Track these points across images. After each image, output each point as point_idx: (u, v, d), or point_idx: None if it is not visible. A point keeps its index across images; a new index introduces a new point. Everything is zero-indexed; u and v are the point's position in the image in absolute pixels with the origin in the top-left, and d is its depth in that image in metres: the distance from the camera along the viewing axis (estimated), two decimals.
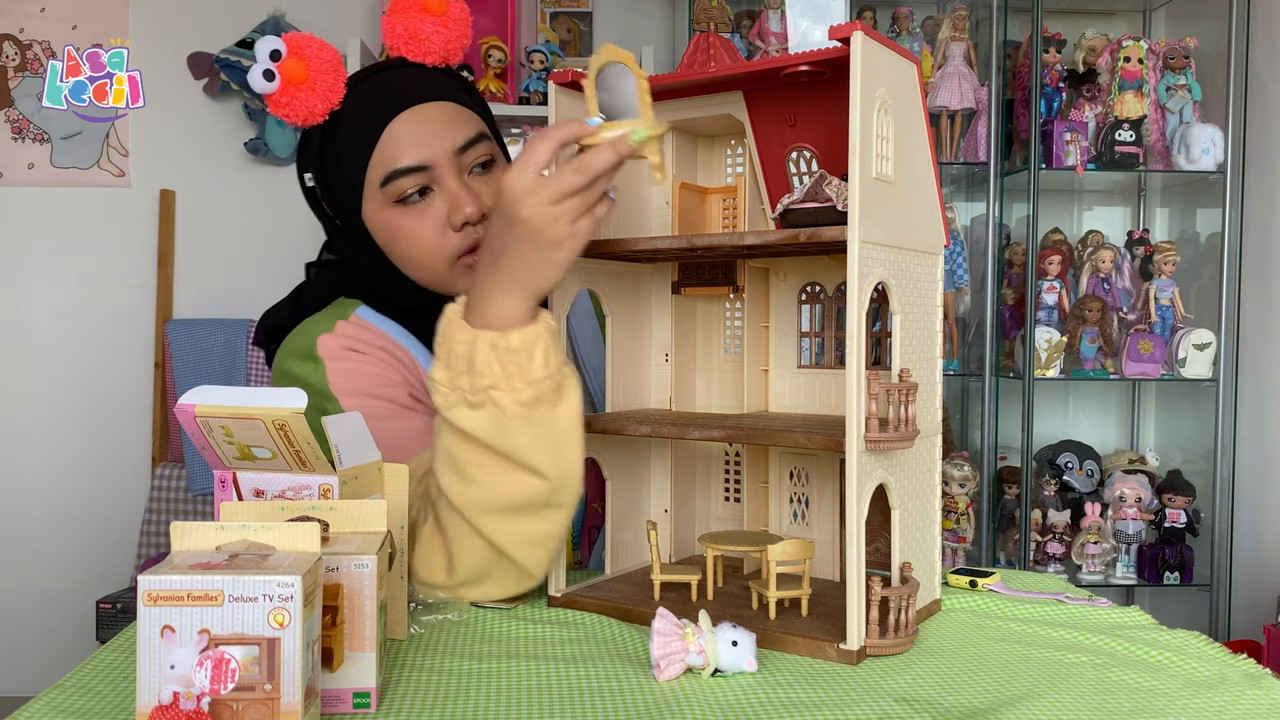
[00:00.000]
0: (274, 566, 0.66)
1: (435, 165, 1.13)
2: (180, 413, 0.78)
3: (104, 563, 3.19)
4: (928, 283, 1.00)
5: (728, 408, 1.16)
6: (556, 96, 1.03)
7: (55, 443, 3.23)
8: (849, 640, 0.88)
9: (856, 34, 0.84)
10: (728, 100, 1.07)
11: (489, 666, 0.86)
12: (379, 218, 1.16)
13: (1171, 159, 2.80)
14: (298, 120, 1.13)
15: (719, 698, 0.79)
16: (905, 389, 0.90)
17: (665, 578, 1.03)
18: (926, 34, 2.89)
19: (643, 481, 1.16)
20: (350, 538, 0.78)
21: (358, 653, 0.74)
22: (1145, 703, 0.80)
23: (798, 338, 1.12)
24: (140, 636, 0.64)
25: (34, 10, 3.20)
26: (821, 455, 1.10)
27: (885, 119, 0.89)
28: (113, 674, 0.82)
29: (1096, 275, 2.81)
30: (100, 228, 3.23)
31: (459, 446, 0.95)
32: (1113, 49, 2.82)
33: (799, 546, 0.96)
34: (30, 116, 3.21)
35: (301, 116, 1.12)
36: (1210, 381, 2.77)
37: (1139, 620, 1.02)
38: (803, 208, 0.92)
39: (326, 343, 1.16)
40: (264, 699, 0.65)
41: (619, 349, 1.12)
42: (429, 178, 1.14)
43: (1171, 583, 2.75)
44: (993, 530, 2.87)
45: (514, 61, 3.06)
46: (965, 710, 0.78)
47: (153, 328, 3.22)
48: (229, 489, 0.83)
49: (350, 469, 0.83)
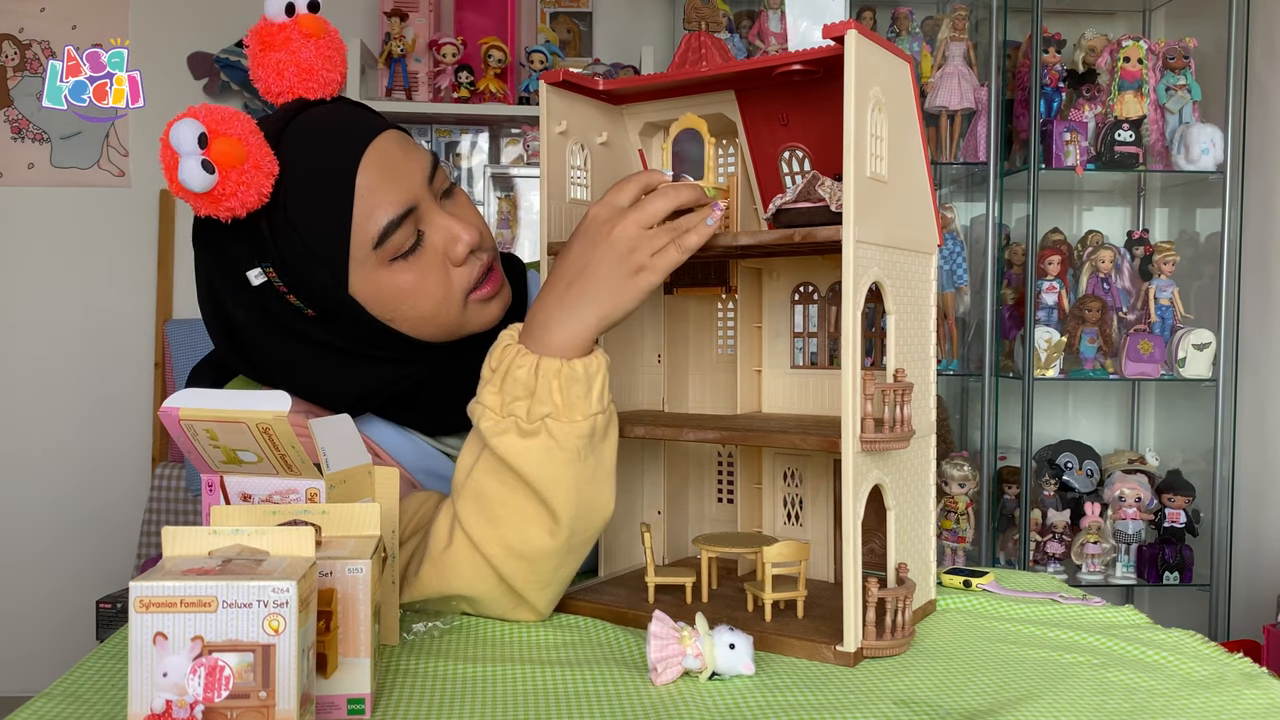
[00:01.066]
0: (268, 572, 0.65)
1: (419, 204, 1.00)
2: (165, 416, 0.78)
3: (104, 563, 3.19)
4: (922, 282, 1.00)
5: (720, 409, 1.15)
6: (548, 96, 1.02)
7: (55, 442, 3.23)
8: (846, 642, 0.88)
9: (850, 33, 0.84)
10: (719, 100, 1.07)
11: (484, 671, 0.85)
12: (372, 285, 0.99)
13: (1171, 159, 2.80)
14: (240, 211, 0.91)
15: (718, 701, 0.79)
16: (901, 389, 0.90)
17: (660, 580, 1.02)
18: (926, 34, 2.88)
19: (635, 483, 1.16)
20: (343, 542, 0.78)
21: (352, 658, 0.74)
22: (1144, 703, 0.80)
23: (791, 338, 1.12)
24: (132, 644, 0.64)
25: (34, 10, 3.20)
26: (815, 456, 1.10)
27: (879, 118, 0.89)
28: (101, 681, 0.81)
29: (1096, 275, 2.81)
30: (100, 228, 3.23)
31: (492, 484, 0.93)
32: (1112, 49, 2.82)
33: (794, 548, 0.96)
34: (30, 116, 3.21)
35: (249, 204, 0.91)
36: (1210, 381, 2.77)
37: (1134, 619, 1.02)
38: (796, 208, 0.92)
39: None
40: (259, 706, 0.64)
41: (611, 350, 1.12)
42: (416, 220, 1.00)
43: (1171, 583, 2.75)
44: (992, 530, 2.86)
45: (514, 61, 3.05)
46: (965, 712, 0.78)
47: (152, 328, 3.22)
48: (216, 493, 0.82)
49: (339, 472, 0.83)
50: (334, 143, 0.97)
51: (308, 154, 0.96)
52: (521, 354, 0.92)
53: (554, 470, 0.91)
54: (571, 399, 0.91)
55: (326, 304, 0.99)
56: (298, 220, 0.95)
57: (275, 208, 0.94)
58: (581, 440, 0.91)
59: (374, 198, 0.97)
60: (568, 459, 0.91)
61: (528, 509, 0.93)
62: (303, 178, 0.95)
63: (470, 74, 2.97)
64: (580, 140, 1.07)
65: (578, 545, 0.97)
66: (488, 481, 0.93)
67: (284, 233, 0.95)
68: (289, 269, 0.97)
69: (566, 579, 0.99)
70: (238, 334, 1.02)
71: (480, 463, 0.94)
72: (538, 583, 0.96)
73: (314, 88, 1.00)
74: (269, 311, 1.00)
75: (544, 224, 1.04)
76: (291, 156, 0.94)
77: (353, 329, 1.01)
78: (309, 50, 0.98)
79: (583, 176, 1.07)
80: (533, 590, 0.96)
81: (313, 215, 0.96)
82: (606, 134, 1.10)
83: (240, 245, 0.97)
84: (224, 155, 0.87)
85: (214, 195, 0.89)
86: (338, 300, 0.99)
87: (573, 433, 0.91)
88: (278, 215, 0.95)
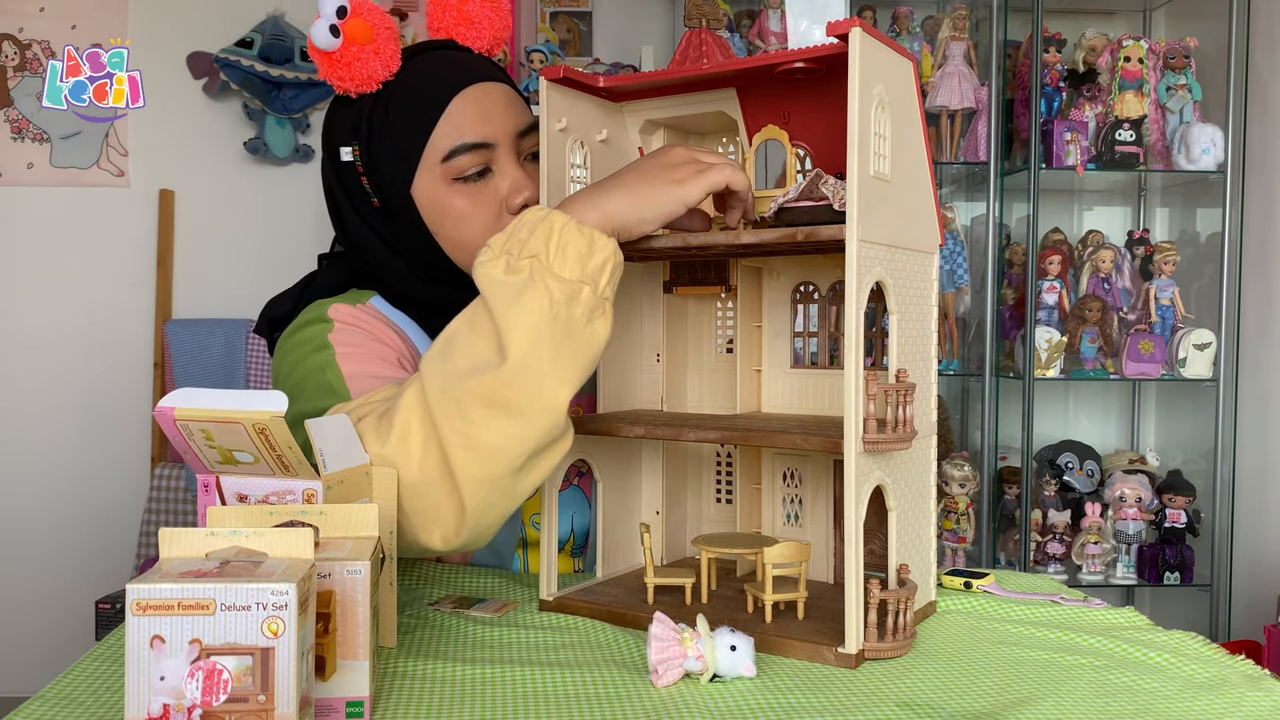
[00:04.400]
0: (267, 574, 0.65)
1: (498, 145, 1.11)
2: (160, 416, 0.77)
3: (103, 563, 3.18)
4: (923, 282, 1.00)
5: (720, 408, 1.15)
6: (548, 93, 1.02)
7: (54, 442, 3.22)
8: (847, 644, 0.87)
9: (855, 30, 0.83)
10: (720, 97, 1.07)
11: (483, 673, 0.85)
12: (432, 193, 1.11)
13: (1171, 159, 2.80)
14: (350, 85, 1.07)
15: (719, 704, 0.79)
16: (903, 389, 0.89)
17: (659, 581, 1.02)
18: (926, 34, 2.88)
19: (634, 483, 1.15)
20: (341, 543, 0.77)
21: (351, 661, 0.73)
22: (1147, 705, 0.80)
23: (791, 337, 1.12)
24: (129, 647, 0.63)
25: (34, 10, 3.20)
26: (815, 456, 1.09)
27: (883, 116, 0.89)
28: (95, 684, 0.81)
29: (1096, 275, 2.80)
30: (100, 228, 3.22)
31: (461, 329, 0.90)
32: (1113, 49, 2.82)
33: (795, 549, 0.96)
34: (30, 116, 3.21)
35: (358, 81, 1.07)
36: (1210, 381, 2.77)
37: (1135, 621, 1.02)
38: (798, 206, 0.92)
39: (340, 309, 1.12)
40: (257, 710, 0.64)
41: (610, 349, 1.12)
42: (489, 157, 1.11)
43: (1172, 583, 2.74)
44: (993, 530, 2.86)
45: (514, 61, 3.05)
46: (968, 714, 0.77)
47: (152, 328, 3.21)
48: (213, 493, 0.81)
49: (336, 473, 0.82)
50: (449, 71, 1.11)
51: (426, 70, 1.11)
52: (537, 210, 0.92)
53: (519, 309, 0.87)
54: (567, 253, 0.88)
55: (390, 195, 1.12)
56: (394, 114, 1.10)
57: (381, 98, 1.10)
58: (561, 297, 0.87)
59: (458, 121, 1.10)
60: (537, 304, 0.87)
61: (482, 352, 0.88)
62: (411, 85, 1.10)
63: None
64: (580, 138, 1.06)
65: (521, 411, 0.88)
66: (456, 323, 0.91)
67: (379, 121, 1.10)
68: (371, 153, 1.11)
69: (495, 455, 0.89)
70: (331, 197, 1.18)
71: (460, 314, 0.92)
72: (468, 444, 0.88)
73: (467, 35, 1.15)
74: (345, 188, 1.15)
75: None
76: (413, 69, 1.10)
77: (404, 230, 1.14)
78: (474, 3, 1.14)
79: (583, 174, 1.06)
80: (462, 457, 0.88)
81: (405, 115, 1.10)
82: (606, 131, 1.10)
83: (345, 119, 1.13)
84: (353, 30, 1.04)
85: (333, 60, 1.05)
86: (398, 195, 1.12)
87: (555, 285, 0.87)
88: (380, 105, 1.10)
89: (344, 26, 1.03)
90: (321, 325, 1.11)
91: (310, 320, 1.12)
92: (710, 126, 1.14)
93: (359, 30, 1.04)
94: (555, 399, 0.88)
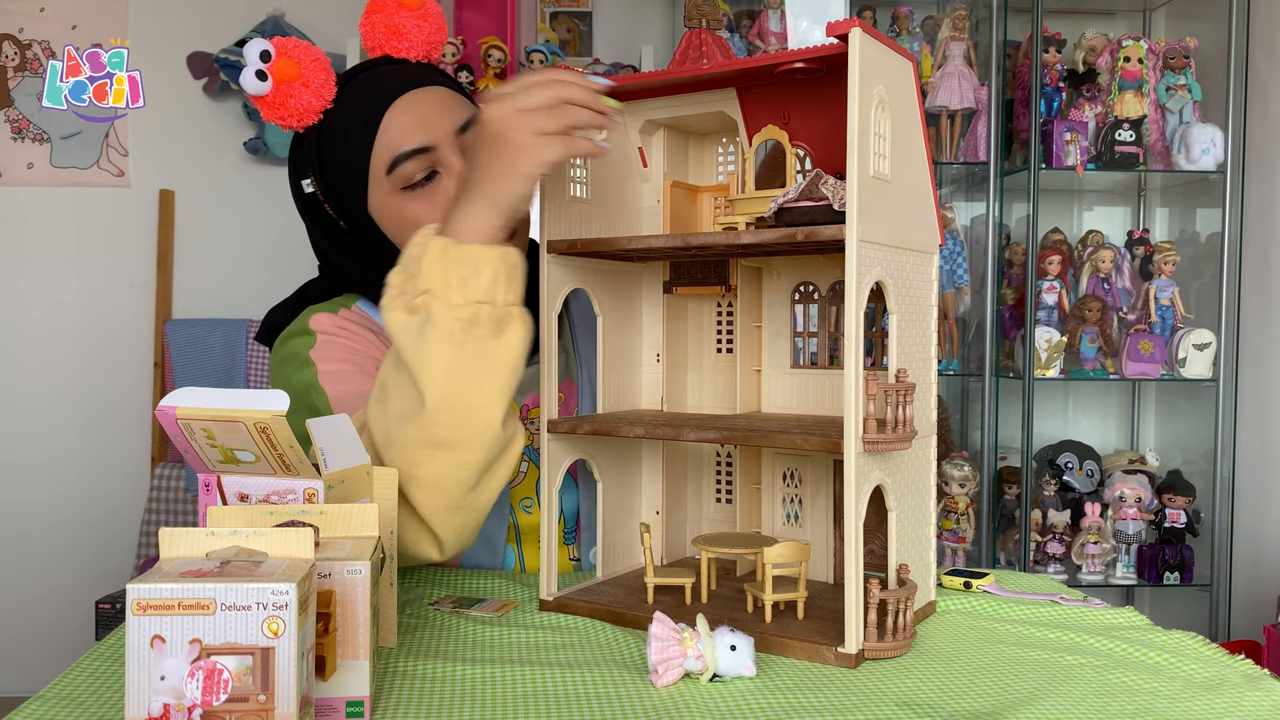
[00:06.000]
0: (267, 574, 0.65)
1: (439, 146, 1.13)
2: (161, 415, 0.77)
3: (103, 563, 3.18)
4: (923, 282, 1.00)
5: (720, 408, 1.15)
6: None
7: (55, 442, 3.22)
8: (847, 644, 0.87)
9: (855, 30, 0.83)
10: (720, 97, 1.07)
11: (483, 673, 0.85)
12: (386, 206, 1.15)
13: (1171, 159, 2.80)
14: (292, 121, 1.12)
15: (719, 704, 0.79)
16: (903, 389, 0.89)
17: (659, 580, 1.02)
18: (926, 34, 2.88)
19: (634, 483, 1.15)
20: (341, 543, 0.77)
21: (351, 661, 0.73)
22: (1147, 705, 0.80)
23: (791, 337, 1.12)
24: (129, 646, 0.63)
25: (34, 10, 3.20)
26: (815, 456, 1.09)
27: (883, 117, 0.89)
28: (96, 684, 0.81)
29: (1096, 275, 2.80)
30: (100, 228, 3.22)
31: (388, 367, 0.95)
32: (1113, 49, 2.82)
33: (795, 549, 0.96)
34: (30, 116, 3.21)
35: (296, 117, 1.12)
36: (1210, 381, 2.77)
37: (1134, 621, 1.02)
38: (798, 206, 0.92)
39: (321, 320, 1.18)
40: (258, 710, 0.64)
41: (610, 349, 1.12)
42: (434, 160, 1.13)
43: (1171, 583, 2.74)
44: (993, 530, 2.86)
45: (514, 61, 3.05)
46: (968, 714, 0.77)
47: (152, 328, 3.21)
48: (214, 493, 0.81)
49: (337, 472, 0.82)
50: (380, 86, 1.14)
51: (359, 90, 1.14)
52: (422, 233, 0.94)
53: (425, 350, 0.91)
54: (453, 279, 0.91)
55: (351, 217, 1.17)
56: (336, 139, 1.13)
57: (324, 127, 1.14)
58: (459, 324, 0.90)
59: (395, 131, 1.12)
60: (440, 339, 0.90)
61: (408, 394, 0.93)
62: (347, 108, 1.13)
63: (470, 74, 2.96)
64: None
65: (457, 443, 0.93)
66: (386, 365, 0.95)
67: (325, 149, 1.14)
68: (326, 180, 1.16)
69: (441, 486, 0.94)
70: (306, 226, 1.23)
71: (388, 353, 0.96)
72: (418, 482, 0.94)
73: (399, 48, 1.17)
74: (313, 218, 1.20)
75: (543, 221, 1.03)
76: (349, 92, 1.14)
77: (373, 247, 1.17)
78: (401, 16, 1.17)
79: (581, 174, 1.06)
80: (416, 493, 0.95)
81: (346, 137, 1.13)
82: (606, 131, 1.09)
83: (299, 153, 1.18)
84: (281, 70, 1.08)
85: (269, 102, 1.10)
86: (359, 215, 1.16)
87: (449, 315, 0.90)
88: (324, 134, 1.14)
89: (271, 69, 1.08)
90: (304, 339, 1.16)
91: (294, 333, 1.18)
92: (710, 126, 1.14)
93: (286, 69, 1.08)
94: (486, 422, 0.93)
